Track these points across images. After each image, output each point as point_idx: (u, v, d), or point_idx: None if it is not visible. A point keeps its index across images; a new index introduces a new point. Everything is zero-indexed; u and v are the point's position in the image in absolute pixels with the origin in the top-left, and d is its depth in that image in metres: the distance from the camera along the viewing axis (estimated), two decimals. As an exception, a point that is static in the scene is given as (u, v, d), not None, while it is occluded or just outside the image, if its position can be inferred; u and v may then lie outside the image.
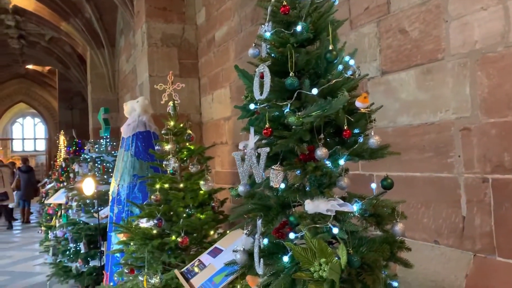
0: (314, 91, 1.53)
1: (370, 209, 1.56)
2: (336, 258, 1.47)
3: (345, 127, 1.57)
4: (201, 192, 3.06)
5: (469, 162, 2.41)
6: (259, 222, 1.59)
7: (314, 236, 1.50)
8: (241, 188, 1.72)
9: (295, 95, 1.58)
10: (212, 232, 2.95)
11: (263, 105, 1.63)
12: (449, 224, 2.54)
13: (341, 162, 1.61)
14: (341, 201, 1.51)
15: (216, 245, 2.63)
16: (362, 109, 1.59)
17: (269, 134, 1.56)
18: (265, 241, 1.64)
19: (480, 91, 2.33)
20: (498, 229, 2.27)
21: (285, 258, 1.58)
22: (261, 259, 1.55)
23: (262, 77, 1.62)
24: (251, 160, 1.61)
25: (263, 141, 1.69)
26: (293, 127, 1.58)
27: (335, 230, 1.47)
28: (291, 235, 1.52)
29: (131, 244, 3.00)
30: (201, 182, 3.03)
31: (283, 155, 1.66)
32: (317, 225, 1.48)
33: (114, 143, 6.85)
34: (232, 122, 5.38)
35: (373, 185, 1.71)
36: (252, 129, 1.65)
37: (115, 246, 3.36)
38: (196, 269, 2.48)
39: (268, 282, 1.61)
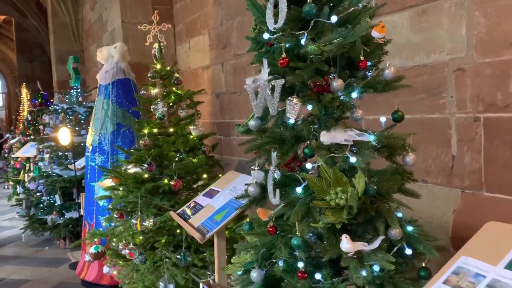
0: (334, 18, 1.49)
1: (383, 141, 1.58)
2: (351, 188, 1.49)
3: (362, 58, 1.55)
4: (192, 136, 3.01)
5: (461, 102, 2.46)
6: (274, 154, 1.58)
7: (331, 166, 1.51)
8: (252, 123, 1.69)
9: (312, 23, 1.54)
10: (205, 176, 2.94)
11: (277, 35, 1.58)
12: (438, 164, 2.62)
13: (354, 94, 1.61)
14: (358, 131, 1.52)
15: (212, 187, 2.62)
16: (378, 39, 1.57)
17: (285, 64, 1.53)
18: (276, 174, 1.64)
19: (477, 31, 2.35)
20: (487, 166, 2.37)
21: (299, 189, 1.59)
22: (277, 190, 1.55)
23: (276, 6, 1.56)
24: (265, 92, 1.58)
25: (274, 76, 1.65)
26: (309, 57, 1.55)
27: (353, 159, 1.49)
28: (308, 165, 1.53)
29: (120, 189, 2.96)
30: (191, 127, 2.98)
31: (294, 88, 1.64)
32: (335, 155, 1.48)
33: (85, 94, 6.61)
34: (211, 71, 5.27)
35: (382, 119, 1.72)
36: (265, 61, 1.60)
37: (100, 193, 3.30)
38: (192, 210, 2.48)
39: (281, 212, 1.63)
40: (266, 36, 1.60)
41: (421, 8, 2.62)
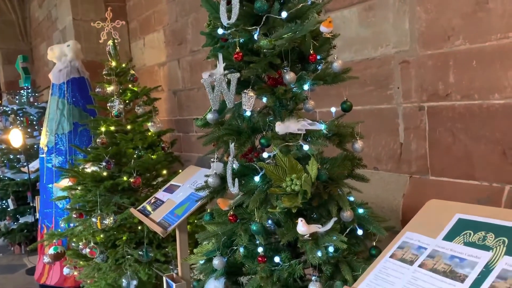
0: (284, 14, 1.57)
1: (334, 129, 1.67)
2: (305, 174, 1.58)
3: (311, 52, 1.64)
4: (149, 133, 3.02)
5: (407, 93, 2.62)
6: (232, 145, 1.64)
7: (286, 154, 1.59)
8: (209, 116, 1.75)
9: (263, 19, 1.61)
10: (164, 172, 2.96)
11: (231, 30, 1.64)
12: (388, 151, 2.78)
13: (306, 87, 1.69)
14: (310, 121, 1.60)
15: (172, 182, 2.65)
16: (326, 34, 1.66)
17: (240, 58, 1.59)
18: (235, 165, 1.71)
19: (418, 25, 2.51)
20: (431, 151, 2.54)
21: (256, 178, 1.66)
22: (236, 180, 1.62)
23: (228, 2, 1.62)
24: (221, 86, 1.64)
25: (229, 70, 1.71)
26: (262, 52, 1.62)
27: (306, 147, 1.58)
28: (265, 155, 1.60)
29: (79, 188, 2.93)
30: (149, 124, 2.99)
31: (249, 81, 1.71)
32: (289, 143, 1.56)
33: (37, 94, 6.41)
34: (167, 67, 5.26)
35: (333, 109, 1.82)
36: (220, 56, 1.66)
37: (58, 194, 3.25)
38: (153, 206, 2.50)
39: (241, 201, 1.69)
40: (220, 31, 1.65)
41: (368, 3, 2.76)
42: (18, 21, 10.74)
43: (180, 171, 2.92)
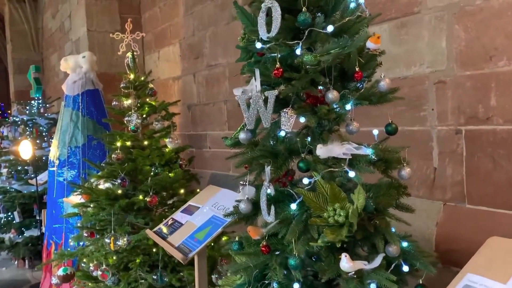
0: (330, 28, 1.44)
1: (380, 154, 1.53)
2: (349, 204, 1.43)
3: (357, 69, 1.50)
4: (167, 150, 2.89)
5: (442, 115, 2.47)
6: (267, 169, 1.49)
7: (328, 181, 1.44)
8: (242, 136, 1.61)
9: (306, 33, 1.48)
10: (182, 191, 2.81)
11: (271, 44, 1.51)
12: (420, 176, 2.62)
13: (348, 106, 1.56)
14: (356, 145, 1.46)
15: (190, 202, 2.50)
16: (373, 50, 1.53)
17: (280, 74, 1.46)
18: (271, 190, 1.56)
19: (457, 44, 2.37)
20: (469, 178, 2.38)
21: (293, 206, 1.51)
22: (272, 207, 1.47)
23: (267, 14, 1.50)
24: (257, 104, 1.50)
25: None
26: (304, 68, 1.49)
27: (352, 174, 1.43)
28: (305, 180, 1.45)
29: (91, 206, 2.78)
30: (167, 140, 2.86)
31: (287, 99, 1.57)
32: (333, 169, 1.42)
33: (47, 105, 6.32)
34: (182, 81, 5.15)
35: (375, 131, 1.67)
36: (257, 71, 1.52)
37: (70, 210, 3.11)
38: (171, 228, 2.35)
39: (275, 230, 1.54)
40: (258, 45, 1.52)
41: (400, 21, 2.63)
42: (30, 31, 10.76)
43: (198, 190, 2.77)
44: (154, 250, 2.58)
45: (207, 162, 4.62)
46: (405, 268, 1.53)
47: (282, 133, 1.58)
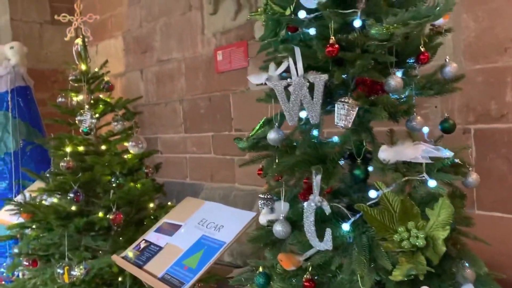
0: (396, -7, 1.11)
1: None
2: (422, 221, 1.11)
3: (422, 49, 1.19)
4: (129, 156, 2.40)
5: (448, 113, 2.25)
6: (317, 178, 1.12)
7: (398, 193, 1.11)
8: (273, 135, 1.23)
9: (363, 0, 1.14)
10: (151, 205, 2.33)
11: (315, 14, 1.15)
12: (420, 180, 2.39)
13: (412, 96, 1.24)
14: (432, 145, 1.14)
15: (166, 220, 2.05)
16: (439, 27, 1.23)
17: (335, 53, 1.10)
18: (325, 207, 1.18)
19: (465, 36, 2.18)
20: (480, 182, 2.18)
21: (345, 226, 1.16)
22: (328, 230, 1.10)
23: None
24: (301, 92, 1.13)
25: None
26: (359, 46, 1.14)
27: (432, 183, 1.10)
28: (372, 193, 1.10)
29: (33, 227, 2.22)
30: (129, 143, 2.37)
31: (330, 88, 1.22)
32: (411, 177, 1.09)
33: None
34: (125, 79, 4.60)
35: (425, 129, 1.37)
36: (297, 50, 1.15)
37: (2, 232, 2.49)
38: (146, 253, 1.88)
39: (323, 259, 1.17)
40: (302, 14, 1.15)
41: (397, 10, 2.39)
42: None
43: (170, 203, 2.32)
44: (120, 279, 2.08)
45: (162, 170, 4.11)
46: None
47: (315, 133, 1.23)
